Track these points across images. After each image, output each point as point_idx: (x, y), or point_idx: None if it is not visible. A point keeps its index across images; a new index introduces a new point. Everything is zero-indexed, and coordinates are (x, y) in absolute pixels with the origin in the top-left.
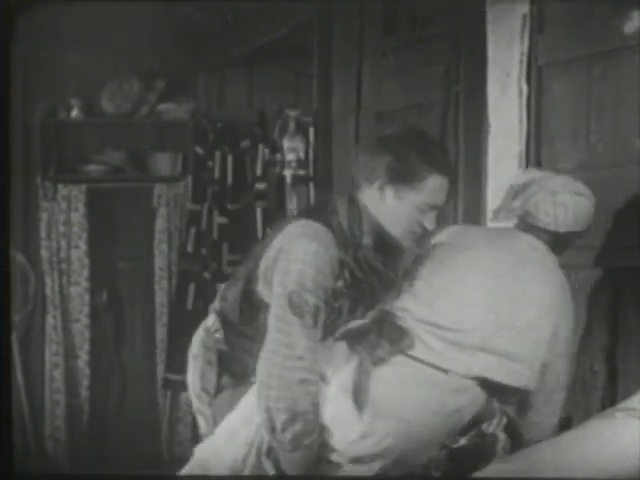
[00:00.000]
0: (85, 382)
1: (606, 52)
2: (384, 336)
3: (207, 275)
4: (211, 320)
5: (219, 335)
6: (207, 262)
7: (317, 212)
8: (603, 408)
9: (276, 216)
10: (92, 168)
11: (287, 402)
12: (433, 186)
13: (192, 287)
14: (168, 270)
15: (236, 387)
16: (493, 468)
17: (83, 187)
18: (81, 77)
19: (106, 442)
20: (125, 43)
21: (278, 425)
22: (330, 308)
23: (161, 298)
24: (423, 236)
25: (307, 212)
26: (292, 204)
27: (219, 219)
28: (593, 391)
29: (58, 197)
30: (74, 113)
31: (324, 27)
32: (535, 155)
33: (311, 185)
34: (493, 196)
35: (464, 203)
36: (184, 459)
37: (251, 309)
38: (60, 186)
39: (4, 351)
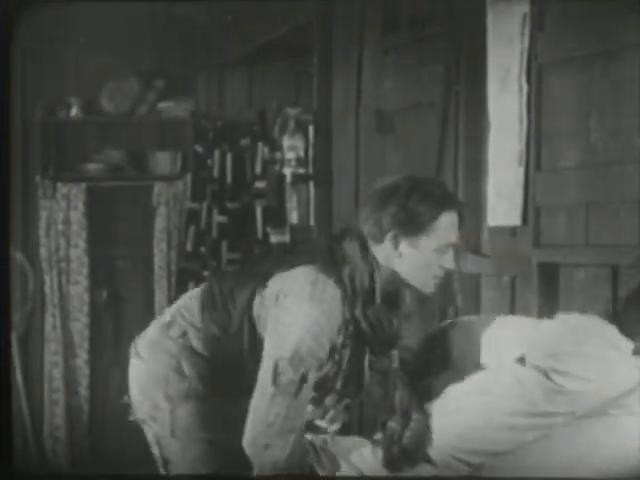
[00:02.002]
0: (84, 381)
1: (606, 51)
2: None
3: (206, 274)
4: (174, 325)
5: (183, 341)
6: (206, 261)
7: (329, 259)
8: None
9: (276, 214)
10: (92, 167)
11: (253, 459)
12: (444, 225)
13: (191, 286)
14: (167, 269)
15: (205, 400)
16: (487, 464)
17: (82, 186)
18: (81, 76)
19: (106, 441)
20: (125, 42)
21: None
22: (327, 364)
23: (160, 297)
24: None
25: (318, 254)
26: (292, 203)
27: (218, 218)
28: None
29: (57, 196)
30: (74, 112)
31: (324, 26)
32: (535, 154)
33: (311, 184)
34: (493, 194)
35: (464, 201)
36: None
37: (251, 334)
38: (59, 184)
39: (4, 350)
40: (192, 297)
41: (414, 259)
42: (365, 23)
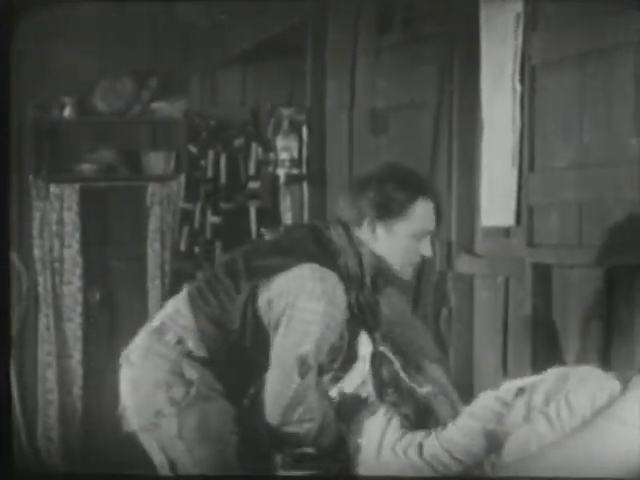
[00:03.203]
0: (78, 381)
1: (599, 50)
2: None
3: (200, 274)
4: (167, 331)
5: (181, 347)
6: (200, 261)
7: (324, 252)
8: None
9: (269, 215)
10: (85, 167)
11: (285, 436)
12: (420, 212)
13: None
14: (161, 269)
15: (211, 401)
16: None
17: (76, 186)
18: (74, 75)
19: (99, 441)
20: (118, 42)
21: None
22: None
23: (154, 297)
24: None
25: (310, 250)
26: (285, 203)
27: (212, 218)
28: None
29: (51, 196)
30: (67, 112)
31: (318, 26)
32: (528, 154)
33: (304, 184)
34: (486, 194)
35: (457, 201)
36: None
37: (256, 328)
38: (53, 185)
39: (4, 352)
40: (179, 300)
41: (390, 244)
42: (359, 23)
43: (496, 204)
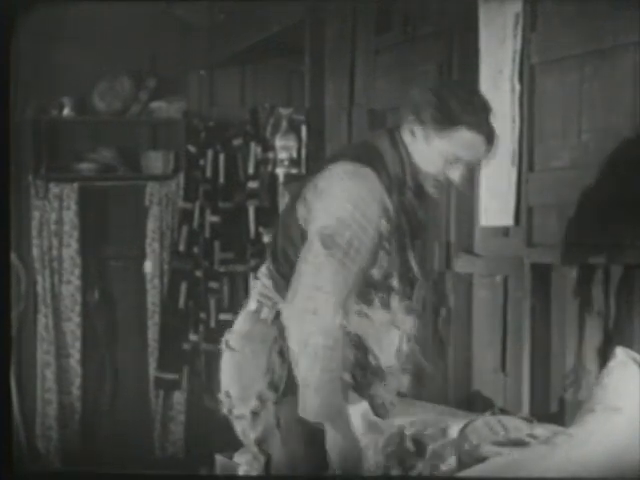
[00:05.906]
0: (77, 381)
1: (598, 51)
2: None
3: (199, 274)
4: (262, 309)
5: (279, 323)
6: (199, 261)
7: (362, 154)
8: None
9: (268, 214)
10: (84, 166)
11: (297, 332)
12: (460, 138)
13: (184, 286)
14: (160, 269)
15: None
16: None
17: (75, 185)
18: (73, 75)
19: (98, 441)
20: (117, 42)
21: (289, 355)
22: (380, 249)
23: (153, 297)
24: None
25: (351, 153)
26: (284, 203)
27: (211, 218)
28: (585, 389)
29: (50, 195)
30: (66, 111)
31: (316, 25)
32: (528, 154)
33: None
34: (486, 194)
35: (456, 201)
36: (176, 458)
37: None
38: (52, 184)
39: (3, 353)
40: (261, 274)
41: (422, 152)
42: (357, 22)
43: (495, 204)
